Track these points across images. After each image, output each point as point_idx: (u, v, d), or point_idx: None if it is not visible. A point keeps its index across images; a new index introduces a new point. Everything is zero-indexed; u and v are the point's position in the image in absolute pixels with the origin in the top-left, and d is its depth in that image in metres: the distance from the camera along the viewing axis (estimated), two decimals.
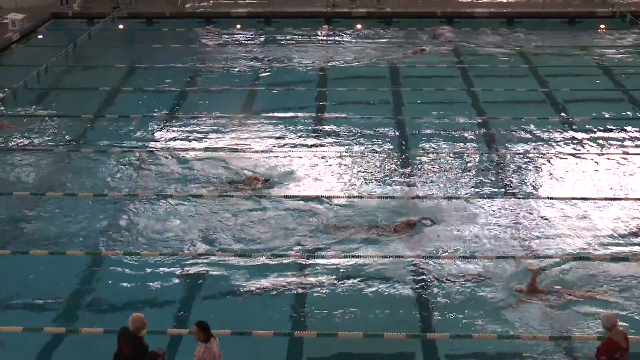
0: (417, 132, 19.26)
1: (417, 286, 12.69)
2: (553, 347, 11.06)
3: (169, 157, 17.74)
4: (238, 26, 29.29)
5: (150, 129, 19.52)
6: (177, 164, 17.38)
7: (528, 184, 16.50)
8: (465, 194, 15.89)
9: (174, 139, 18.83)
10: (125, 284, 12.72)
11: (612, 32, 28.18)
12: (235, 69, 24.41)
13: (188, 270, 13.13)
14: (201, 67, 24.74)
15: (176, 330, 11.45)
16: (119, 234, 14.35)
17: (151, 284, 12.74)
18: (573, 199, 15.63)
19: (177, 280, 12.87)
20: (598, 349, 9.16)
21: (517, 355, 10.96)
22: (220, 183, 16.32)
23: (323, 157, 17.70)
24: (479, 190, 16.10)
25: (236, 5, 31.23)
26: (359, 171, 16.95)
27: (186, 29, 29.07)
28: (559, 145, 18.42)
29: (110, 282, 12.86)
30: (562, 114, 20.44)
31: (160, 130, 19.41)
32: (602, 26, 28.66)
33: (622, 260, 13.34)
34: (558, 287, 12.47)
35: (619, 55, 25.65)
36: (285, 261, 13.40)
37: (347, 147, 18.30)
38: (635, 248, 13.83)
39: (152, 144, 18.57)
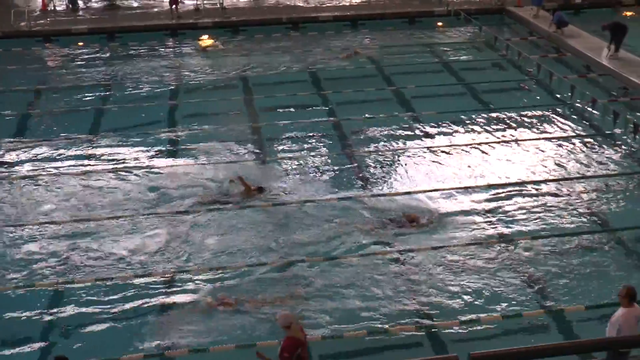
0: (273, 137, 19.35)
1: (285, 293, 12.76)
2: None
3: (13, 184, 16.82)
4: (80, 43, 28.19)
5: None
6: (23, 190, 16.50)
7: (382, 180, 16.95)
8: (325, 195, 16.16)
9: (19, 165, 17.85)
10: None
11: (449, 30, 29.51)
12: (81, 88, 23.44)
13: (47, 301, 12.53)
14: (43, 88, 23.61)
15: None
16: None
17: (7, 318, 12.05)
18: (425, 191, 16.27)
19: (36, 312, 12.23)
20: (281, 347, 9.44)
21: None
22: (76, 207, 15.70)
23: (181, 172, 17.39)
24: (337, 190, 16.39)
25: (76, 22, 30.11)
26: (221, 180, 16.79)
27: (23, 49, 27.60)
28: (410, 141, 19.07)
29: None
30: (410, 111, 21.16)
31: (2, 158, 18.36)
32: (440, 24, 29.99)
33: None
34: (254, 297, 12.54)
35: (456, 51, 26.88)
36: (149, 281, 13.07)
37: (205, 159, 18.08)
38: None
39: None
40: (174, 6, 30.08)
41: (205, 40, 28.00)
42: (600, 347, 8.33)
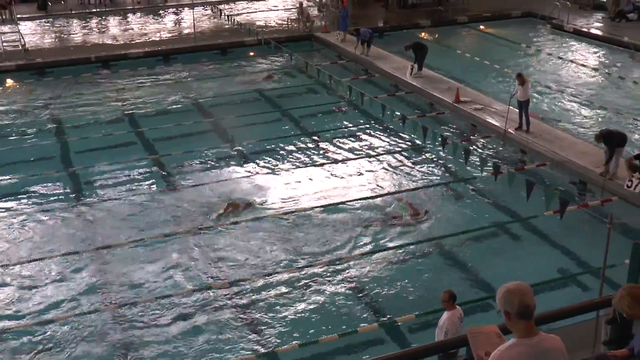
0: (91, 181, 18.63)
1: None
2: None
3: None
4: None
5: None
6: None
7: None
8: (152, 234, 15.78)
9: None
10: None
11: (262, 58, 29.93)
12: None
13: None
14: None
15: None
16: None
17: None
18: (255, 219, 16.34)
19: None
20: None
21: None
22: None
23: None
24: (160, 229, 16.05)
25: None
26: (33, 235, 15.93)
27: None
28: (232, 170, 19.15)
29: None
30: (230, 141, 21.19)
31: None
32: (252, 53, 30.39)
33: None
34: None
35: (272, 80, 27.31)
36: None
37: (22, 210, 17.09)
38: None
39: None
40: None
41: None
42: (431, 352, 8.65)
